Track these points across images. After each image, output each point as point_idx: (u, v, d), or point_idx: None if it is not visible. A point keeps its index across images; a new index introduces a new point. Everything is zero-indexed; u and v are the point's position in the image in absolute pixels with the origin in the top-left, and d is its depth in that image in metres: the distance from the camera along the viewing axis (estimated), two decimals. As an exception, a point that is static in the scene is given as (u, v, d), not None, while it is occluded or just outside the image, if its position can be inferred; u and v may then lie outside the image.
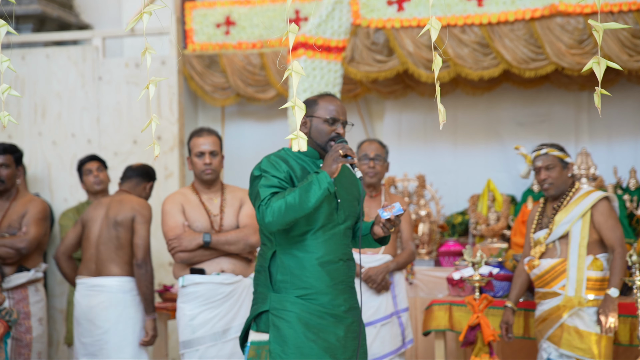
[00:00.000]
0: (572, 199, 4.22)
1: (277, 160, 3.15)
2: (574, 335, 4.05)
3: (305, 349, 3.07)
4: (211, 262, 4.06)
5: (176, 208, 4.10)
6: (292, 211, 3.00)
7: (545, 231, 4.23)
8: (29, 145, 6.46)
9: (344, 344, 3.16)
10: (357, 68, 6.00)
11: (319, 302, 3.12)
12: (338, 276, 3.19)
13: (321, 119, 3.20)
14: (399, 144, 7.01)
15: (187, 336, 4.03)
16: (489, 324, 4.10)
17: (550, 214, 4.25)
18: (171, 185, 6.30)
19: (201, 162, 4.11)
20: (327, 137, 3.19)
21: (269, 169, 3.11)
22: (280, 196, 3.02)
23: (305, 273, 3.12)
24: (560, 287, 4.13)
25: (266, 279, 3.16)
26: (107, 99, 6.43)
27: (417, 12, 5.84)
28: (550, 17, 5.61)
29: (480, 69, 5.85)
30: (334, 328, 3.14)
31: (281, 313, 3.10)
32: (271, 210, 3.00)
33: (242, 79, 6.87)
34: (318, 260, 3.14)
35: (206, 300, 4.01)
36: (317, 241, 3.15)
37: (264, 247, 3.22)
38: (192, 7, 6.94)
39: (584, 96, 6.67)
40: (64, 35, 6.71)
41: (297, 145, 1.82)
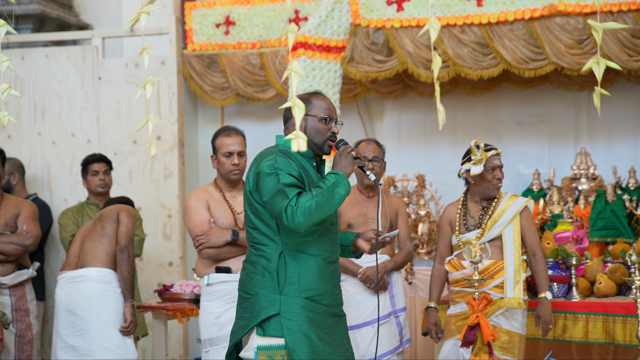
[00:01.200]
0: (502, 202, 4.27)
1: (284, 158, 3.13)
2: (501, 335, 4.10)
3: (321, 350, 3.09)
4: (237, 259, 4.05)
5: (201, 204, 4.10)
6: (320, 212, 2.99)
7: (475, 233, 4.27)
8: (28, 145, 6.46)
9: (346, 341, 3.23)
10: (357, 68, 6.00)
11: (324, 303, 3.15)
12: (337, 276, 3.24)
13: (317, 117, 3.19)
14: (398, 143, 7.01)
15: (214, 333, 4.03)
16: (488, 324, 4.10)
17: (478, 216, 4.28)
18: (171, 185, 6.30)
19: (229, 162, 4.13)
20: (324, 136, 3.19)
21: (283, 167, 3.08)
22: (308, 197, 3.00)
23: (313, 274, 3.13)
24: (491, 288, 4.17)
25: (272, 281, 3.12)
26: (106, 99, 6.43)
27: (417, 12, 5.84)
28: (550, 17, 5.61)
29: (479, 69, 5.85)
30: (337, 327, 3.20)
31: (293, 316, 3.08)
32: (302, 210, 2.96)
33: (241, 78, 6.87)
34: (325, 260, 3.17)
35: (232, 298, 4.01)
36: (323, 241, 3.17)
37: (265, 247, 3.16)
38: (192, 7, 6.94)
39: (584, 96, 6.67)
40: (63, 35, 6.71)
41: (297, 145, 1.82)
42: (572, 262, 4.80)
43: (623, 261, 4.94)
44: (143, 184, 6.34)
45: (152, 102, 6.35)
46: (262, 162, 3.12)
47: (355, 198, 4.60)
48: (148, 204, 6.30)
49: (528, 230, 4.28)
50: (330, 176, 3.06)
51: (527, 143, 6.79)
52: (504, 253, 4.22)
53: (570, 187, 6.10)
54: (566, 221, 5.62)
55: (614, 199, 5.77)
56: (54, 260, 6.25)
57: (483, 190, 4.31)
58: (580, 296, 4.75)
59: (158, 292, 5.18)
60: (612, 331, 4.41)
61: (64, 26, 7.06)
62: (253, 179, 3.16)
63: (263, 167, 3.10)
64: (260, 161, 3.15)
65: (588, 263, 5.03)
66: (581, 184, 6.13)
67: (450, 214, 4.39)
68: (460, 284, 4.29)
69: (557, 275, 4.82)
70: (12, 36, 6.42)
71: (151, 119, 1.97)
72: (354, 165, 3.09)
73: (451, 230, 4.37)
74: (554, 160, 6.69)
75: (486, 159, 4.29)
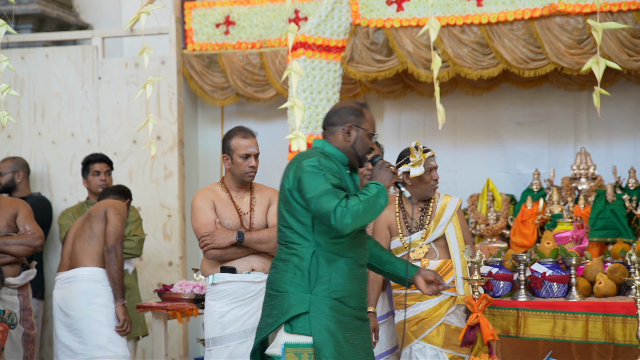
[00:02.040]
0: (439, 201, 4.33)
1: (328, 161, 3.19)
2: (453, 333, 4.16)
3: (346, 351, 3.13)
4: (242, 260, 4.06)
5: (207, 204, 4.10)
6: (366, 217, 3.08)
7: (420, 234, 4.29)
8: (28, 145, 6.46)
9: (369, 345, 3.28)
10: (357, 68, 6.00)
11: (352, 305, 3.20)
12: (364, 280, 3.31)
13: (367, 132, 3.29)
14: (398, 143, 7.00)
15: (217, 333, 4.03)
16: (488, 324, 4.10)
17: (418, 217, 4.31)
18: (171, 185, 6.30)
19: (246, 164, 4.12)
20: (366, 150, 3.29)
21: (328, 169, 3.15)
22: (356, 200, 3.07)
23: (343, 275, 3.18)
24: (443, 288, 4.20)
25: (303, 279, 3.16)
26: (106, 99, 6.43)
27: (417, 12, 5.83)
28: (550, 16, 5.61)
29: (479, 69, 5.85)
30: (361, 330, 3.25)
31: (322, 315, 3.12)
32: (351, 212, 3.03)
33: (241, 78, 6.87)
34: (355, 263, 3.22)
35: (237, 298, 4.02)
36: (355, 245, 3.23)
37: (298, 246, 3.20)
38: (192, 7, 6.93)
39: (584, 96, 6.67)
40: (63, 35, 6.71)
41: (297, 145, 1.82)
42: (572, 262, 4.79)
43: (623, 261, 4.93)
44: (143, 184, 6.34)
45: (152, 102, 6.36)
46: (305, 162, 3.15)
47: None
48: (148, 204, 6.30)
49: (464, 229, 4.35)
50: (372, 186, 3.14)
51: (527, 143, 6.79)
52: (450, 252, 4.27)
53: (570, 187, 6.10)
54: (566, 221, 5.62)
55: (614, 198, 5.76)
56: (54, 259, 6.25)
57: (421, 192, 4.32)
58: (580, 296, 4.74)
59: (158, 292, 5.18)
60: (612, 331, 4.40)
61: (64, 26, 7.06)
62: (293, 177, 3.18)
63: (306, 166, 3.14)
64: (302, 161, 3.18)
65: (588, 263, 5.03)
66: (581, 184, 6.12)
67: (387, 217, 4.35)
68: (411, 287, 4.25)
69: (556, 275, 4.82)
70: (11, 36, 6.40)
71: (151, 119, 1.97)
72: (392, 180, 3.18)
73: (390, 233, 4.35)
74: (554, 160, 6.69)
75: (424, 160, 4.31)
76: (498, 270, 4.95)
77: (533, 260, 4.88)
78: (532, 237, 5.93)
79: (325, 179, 3.09)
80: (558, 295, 4.77)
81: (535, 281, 4.76)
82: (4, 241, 4.67)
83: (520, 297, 4.65)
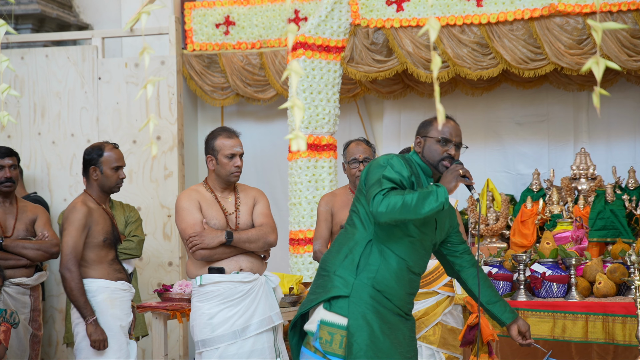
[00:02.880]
0: None
1: (402, 161, 3.25)
2: (449, 333, 4.16)
3: (380, 342, 3.16)
4: (230, 260, 4.04)
5: (193, 205, 4.07)
6: (405, 211, 3.08)
7: None
8: (28, 145, 6.46)
9: (408, 342, 3.29)
10: (357, 68, 6.00)
11: (393, 302, 3.23)
12: (414, 287, 3.34)
13: (434, 139, 3.33)
14: (398, 143, 7.00)
15: (207, 335, 4.01)
16: (488, 324, 4.11)
17: None
18: (171, 185, 6.30)
19: (232, 164, 4.11)
20: (439, 157, 3.31)
21: (395, 164, 3.22)
22: (399, 193, 3.11)
23: (392, 274, 3.22)
24: (440, 287, 4.19)
25: (352, 263, 3.23)
26: (106, 99, 6.43)
27: (417, 12, 5.84)
28: (549, 17, 5.61)
29: (479, 69, 5.85)
30: (402, 327, 3.28)
31: (361, 302, 3.17)
32: (387, 202, 3.09)
33: (241, 78, 6.87)
34: (407, 266, 3.25)
35: (225, 299, 4.00)
36: (411, 250, 3.26)
37: (357, 231, 3.28)
38: (192, 7, 6.94)
39: (583, 96, 6.67)
40: (63, 35, 6.71)
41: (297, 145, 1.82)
42: (572, 262, 4.80)
43: (622, 261, 4.94)
44: (143, 184, 6.34)
45: (152, 102, 6.36)
46: (379, 157, 3.29)
47: (348, 199, 4.56)
48: (148, 204, 6.31)
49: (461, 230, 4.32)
50: (430, 186, 3.18)
51: (526, 143, 6.79)
52: None
53: (570, 187, 6.10)
54: (566, 221, 5.62)
55: (614, 199, 5.77)
56: (54, 260, 6.25)
57: None
58: (580, 296, 4.75)
59: (158, 292, 5.18)
60: (611, 331, 4.41)
61: (64, 26, 7.06)
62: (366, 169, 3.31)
63: (377, 160, 3.27)
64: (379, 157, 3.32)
65: (587, 263, 5.04)
66: (581, 184, 6.13)
67: None
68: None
69: (556, 275, 4.82)
70: (11, 36, 6.43)
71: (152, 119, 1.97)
72: (457, 181, 3.20)
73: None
74: (554, 160, 6.69)
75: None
76: (498, 270, 4.96)
77: (533, 261, 4.89)
78: (531, 237, 5.94)
79: (383, 170, 3.20)
80: (558, 295, 4.78)
81: (535, 281, 4.77)
82: (23, 245, 4.71)
83: (519, 297, 4.65)
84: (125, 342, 4.23)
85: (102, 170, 4.27)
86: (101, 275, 4.21)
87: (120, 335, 4.20)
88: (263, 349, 4.01)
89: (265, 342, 4.02)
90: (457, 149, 3.36)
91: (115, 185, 4.31)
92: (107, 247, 4.24)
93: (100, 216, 4.24)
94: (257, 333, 4.00)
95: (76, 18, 7.19)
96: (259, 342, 4.01)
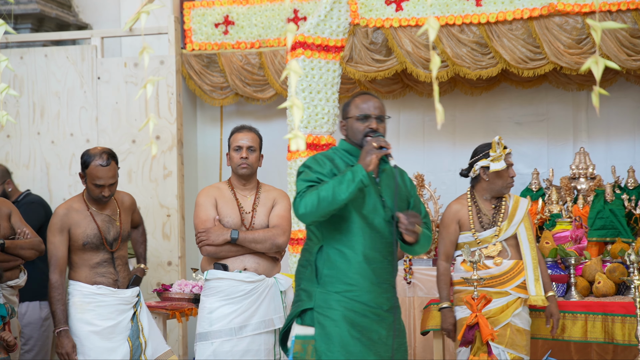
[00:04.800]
0: (510, 201, 4.27)
1: (323, 158, 3.25)
2: (516, 334, 4.11)
3: (350, 346, 3.13)
4: (236, 259, 4.06)
5: (209, 201, 4.12)
6: (325, 203, 3.06)
7: (492, 231, 4.23)
8: (27, 145, 6.46)
9: (386, 342, 3.22)
10: (356, 67, 6.00)
11: (362, 300, 3.18)
12: (382, 274, 3.25)
13: (354, 118, 3.30)
14: (397, 143, 7.01)
15: (204, 328, 4.04)
16: (487, 324, 4.10)
17: (491, 214, 4.25)
18: (170, 185, 6.30)
19: (238, 156, 4.14)
20: (361, 134, 3.27)
21: (312, 165, 3.22)
22: (314, 189, 3.10)
23: (351, 269, 3.18)
24: (513, 288, 4.14)
25: (312, 274, 3.22)
26: (105, 99, 6.43)
27: (416, 11, 5.84)
28: (549, 16, 5.61)
29: (478, 69, 5.85)
30: (377, 326, 3.21)
31: (326, 311, 3.15)
32: (304, 202, 3.08)
33: (240, 78, 6.87)
34: (364, 256, 3.19)
35: (227, 296, 4.02)
36: (363, 237, 3.20)
37: (309, 242, 3.29)
38: (191, 7, 6.94)
39: (583, 95, 6.68)
40: (62, 35, 6.71)
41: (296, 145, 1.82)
42: (571, 262, 4.80)
43: (622, 261, 4.94)
44: (142, 184, 6.34)
45: (151, 102, 6.36)
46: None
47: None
48: (147, 203, 6.30)
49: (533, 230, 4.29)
50: (346, 169, 3.15)
51: (526, 142, 6.79)
52: (521, 252, 4.19)
53: (569, 186, 6.10)
54: (565, 221, 5.62)
55: (613, 198, 5.77)
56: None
57: (498, 188, 4.26)
58: (579, 296, 4.75)
59: (157, 292, 5.19)
60: (611, 330, 4.41)
61: (63, 26, 7.06)
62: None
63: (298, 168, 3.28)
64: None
65: (587, 262, 5.04)
66: (580, 184, 6.13)
67: (458, 212, 4.31)
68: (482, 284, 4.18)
69: (555, 275, 4.82)
70: (10, 36, 6.42)
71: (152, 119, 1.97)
72: (372, 154, 3.13)
73: (460, 228, 4.30)
74: (553, 159, 6.69)
75: (504, 155, 4.24)
76: (497, 270, 4.94)
77: (532, 260, 4.87)
78: (531, 236, 5.94)
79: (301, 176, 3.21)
80: (557, 294, 4.78)
81: (535, 281, 4.76)
82: (21, 245, 4.58)
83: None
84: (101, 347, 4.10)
85: (87, 181, 4.23)
86: (78, 278, 4.15)
87: (90, 340, 4.09)
88: (259, 350, 4.01)
89: (262, 343, 4.02)
90: (379, 121, 3.29)
91: (99, 199, 4.23)
92: (91, 250, 4.15)
93: (84, 219, 4.17)
94: (255, 334, 4.01)
95: (75, 18, 7.18)
96: (256, 343, 4.01)
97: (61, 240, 4.08)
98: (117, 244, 4.24)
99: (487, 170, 4.24)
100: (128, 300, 4.22)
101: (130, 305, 4.24)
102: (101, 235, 4.17)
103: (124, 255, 4.30)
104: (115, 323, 4.15)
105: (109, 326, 4.14)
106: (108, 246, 4.19)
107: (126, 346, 4.15)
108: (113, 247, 4.22)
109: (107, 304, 4.16)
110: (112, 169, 4.21)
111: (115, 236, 4.23)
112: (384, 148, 3.15)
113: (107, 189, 4.19)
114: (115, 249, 4.23)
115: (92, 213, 4.21)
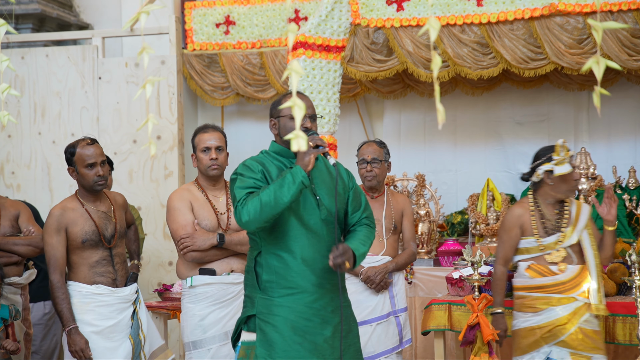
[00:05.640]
0: (573, 206, 4.15)
1: (252, 162, 3.20)
2: (591, 337, 3.97)
3: (292, 352, 3.08)
4: (221, 262, 4.02)
5: (185, 205, 4.05)
6: (268, 208, 3.01)
7: (555, 237, 4.08)
8: (28, 145, 6.46)
9: (332, 344, 3.15)
10: (357, 67, 6.00)
11: (304, 303, 3.12)
12: (324, 275, 3.17)
13: (287, 117, 3.25)
14: (398, 143, 7.01)
15: (198, 336, 3.99)
16: (488, 324, 4.10)
17: (554, 219, 4.12)
18: (171, 185, 6.30)
19: (207, 158, 4.09)
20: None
21: (244, 172, 3.16)
22: (255, 195, 3.05)
23: (291, 272, 3.12)
24: (579, 294, 4.03)
25: (253, 280, 3.18)
26: (106, 99, 6.43)
27: (417, 11, 5.84)
28: (550, 16, 5.61)
29: (479, 69, 5.85)
30: (321, 329, 3.14)
31: (267, 317, 3.11)
32: (247, 209, 3.03)
33: (241, 78, 6.87)
34: (302, 258, 3.13)
35: (216, 300, 3.98)
36: (299, 239, 3.14)
37: (250, 249, 3.25)
38: (192, 7, 6.94)
39: (584, 95, 6.67)
40: (63, 35, 6.71)
41: (297, 145, 1.82)
42: (572, 262, 4.79)
43: (623, 261, 4.93)
44: (143, 184, 6.34)
45: (152, 102, 6.36)
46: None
47: None
48: (148, 203, 6.31)
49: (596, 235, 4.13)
50: (285, 171, 3.09)
51: (527, 143, 6.79)
52: (586, 258, 4.05)
53: (570, 186, 6.09)
54: (566, 221, 5.61)
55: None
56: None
57: (561, 192, 4.10)
58: (580, 296, 4.74)
59: (158, 292, 5.19)
60: (612, 330, 4.40)
61: (64, 26, 7.06)
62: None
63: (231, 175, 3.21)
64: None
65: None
66: (581, 184, 6.13)
67: (521, 216, 4.14)
68: (545, 290, 4.05)
69: (557, 275, 4.82)
70: (12, 36, 6.43)
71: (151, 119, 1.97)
72: (310, 154, 3.08)
73: (522, 232, 4.12)
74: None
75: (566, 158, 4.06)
76: (498, 270, 4.93)
77: (533, 260, 4.86)
78: (532, 236, 5.93)
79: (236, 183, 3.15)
80: (558, 295, 4.76)
81: (536, 281, 4.75)
82: (14, 241, 4.56)
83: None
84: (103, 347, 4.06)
85: (77, 170, 4.09)
86: (76, 279, 4.10)
87: (91, 340, 4.02)
88: None
89: None
90: (312, 120, 3.24)
91: (95, 184, 4.09)
92: (90, 248, 4.09)
93: (80, 217, 4.09)
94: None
95: (76, 18, 7.18)
96: None
97: (59, 240, 4.05)
98: (114, 240, 4.18)
99: (551, 174, 4.07)
100: (127, 298, 4.19)
101: (129, 302, 4.20)
102: (99, 231, 4.12)
103: (121, 253, 4.24)
104: (115, 322, 4.13)
105: (110, 326, 4.11)
106: (106, 242, 4.14)
107: (127, 344, 4.13)
108: (111, 243, 4.19)
109: (107, 304, 4.13)
110: (98, 147, 4.14)
111: (112, 232, 4.19)
112: (321, 147, 3.11)
113: (101, 168, 4.08)
114: (112, 244, 4.17)
115: (87, 210, 4.14)
